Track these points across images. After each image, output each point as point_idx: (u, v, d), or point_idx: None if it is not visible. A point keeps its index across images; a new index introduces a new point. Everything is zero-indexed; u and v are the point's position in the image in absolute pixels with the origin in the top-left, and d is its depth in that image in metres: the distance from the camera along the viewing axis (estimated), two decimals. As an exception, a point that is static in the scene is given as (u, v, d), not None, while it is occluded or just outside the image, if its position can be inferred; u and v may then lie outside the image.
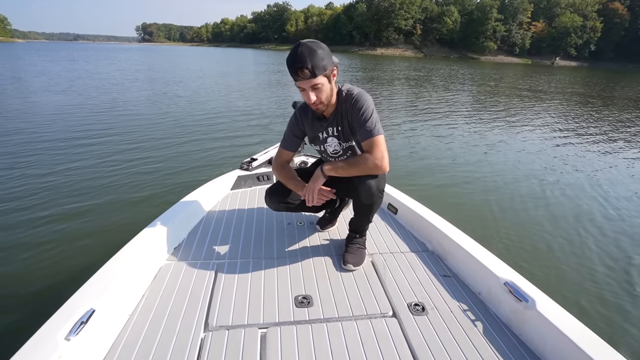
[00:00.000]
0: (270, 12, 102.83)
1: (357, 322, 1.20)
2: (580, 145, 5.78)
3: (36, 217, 2.72)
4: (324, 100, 1.33)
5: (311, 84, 1.26)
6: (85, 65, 18.32)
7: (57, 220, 2.70)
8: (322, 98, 1.31)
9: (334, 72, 1.32)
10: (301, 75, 1.23)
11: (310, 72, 1.22)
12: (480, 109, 8.99)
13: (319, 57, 1.22)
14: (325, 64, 1.25)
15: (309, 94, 1.28)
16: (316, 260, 1.55)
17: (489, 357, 1.08)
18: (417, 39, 69.16)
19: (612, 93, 15.30)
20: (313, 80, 1.25)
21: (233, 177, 2.28)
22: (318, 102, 1.32)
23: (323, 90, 1.30)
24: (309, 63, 1.20)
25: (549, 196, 3.58)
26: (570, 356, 1.00)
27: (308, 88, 1.27)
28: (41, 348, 0.91)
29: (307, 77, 1.23)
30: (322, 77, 1.26)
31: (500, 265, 1.34)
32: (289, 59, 1.24)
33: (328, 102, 1.35)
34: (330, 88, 1.33)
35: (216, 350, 1.07)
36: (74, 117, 6.18)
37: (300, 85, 1.28)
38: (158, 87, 10.56)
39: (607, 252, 2.61)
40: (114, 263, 1.28)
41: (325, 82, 1.29)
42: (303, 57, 1.20)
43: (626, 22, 62.05)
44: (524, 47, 66.28)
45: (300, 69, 1.21)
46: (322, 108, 1.36)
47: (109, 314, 1.12)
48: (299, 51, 1.21)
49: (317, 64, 1.22)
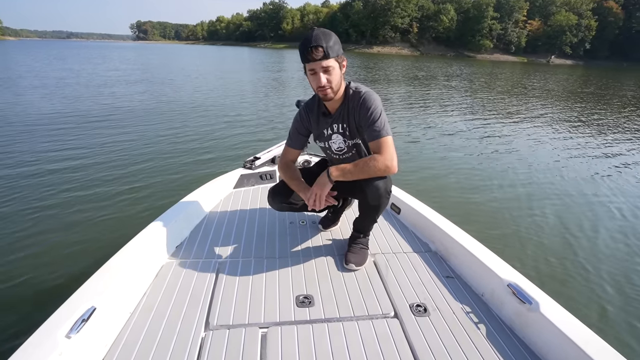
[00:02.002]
0: (266, 10, 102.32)
1: (358, 322, 1.19)
2: (586, 146, 5.76)
3: (38, 215, 2.74)
4: (333, 86, 1.31)
5: (323, 65, 1.26)
6: (77, 65, 18.13)
7: (59, 217, 2.72)
8: (332, 82, 1.30)
9: (344, 62, 1.33)
10: (315, 53, 1.23)
11: (324, 52, 1.23)
12: (484, 109, 9.01)
13: (333, 40, 1.25)
14: (338, 49, 1.27)
15: (319, 75, 1.27)
16: (318, 260, 1.55)
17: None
18: (413, 37, 69.17)
19: (618, 92, 15.26)
20: (326, 61, 1.25)
21: (236, 175, 2.28)
22: (328, 86, 1.30)
23: (334, 74, 1.29)
24: (324, 43, 1.23)
25: (553, 197, 3.56)
26: (573, 359, 0.99)
27: (319, 69, 1.27)
28: (42, 346, 0.91)
29: (320, 56, 1.23)
30: (334, 60, 1.27)
31: (504, 266, 1.33)
32: (303, 41, 1.26)
33: (337, 89, 1.34)
34: (340, 75, 1.32)
35: (217, 349, 1.06)
36: (81, 114, 6.20)
37: (311, 67, 1.27)
38: (159, 86, 10.53)
39: (613, 254, 2.59)
40: (115, 261, 1.28)
41: (336, 67, 1.29)
42: (318, 37, 1.23)
43: (620, 20, 62.38)
44: (519, 46, 66.46)
45: (315, 47, 1.22)
46: (330, 93, 1.33)
47: (110, 312, 1.12)
48: (314, 33, 1.25)
49: (331, 46, 1.24)
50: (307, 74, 1.31)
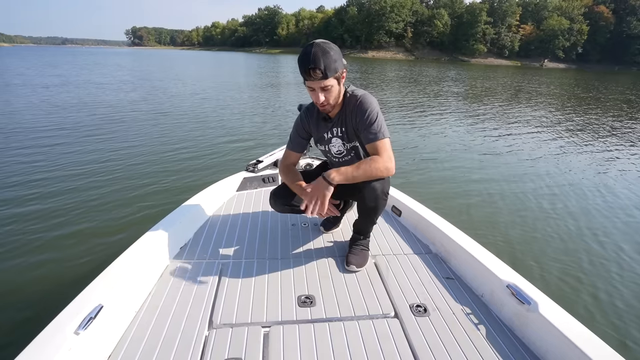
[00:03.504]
0: (261, 15, 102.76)
1: (359, 322, 1.21)
2: (585, 148, 5.78)
3: (47, 216, 2.79)
4: (331, 102, 1.34)
5: (321, 85, 1.26)
6: (75, 70, 18.08)
7: (67, 219, 2.77)
8: (330, 99, 1.32)
9: (343, 74, 1.32)
10: (313, 75, 1.23)
11: (322, 73, 1.23)
12: (483, 112, 9.06)
13: (331, 58, 1.23)
14: (337, 66, 1.26)
15: (318, 94, 1.29)
16: (319, 261, 1.56)
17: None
18: (408, 42, 69.80)
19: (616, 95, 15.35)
20: (324, 81, 1.25)
21: (239, 178, 2.30)
22: (326, 103, 1.33)
23: (332, 91, 1.30)
24: (322, 64, 1.21)
25: (552, 199, 3.58)
26: (572, 359, 0.99)
27: (318, 89, 1.28)
28: (51, 341, 0.93)
29: (318, 77, 1.24)
30: (333, 79, 1.27)
31: (503, 267, 1.35)
32: (302, 58, 1.24)
33: (335, 103, 1.36)
34: (338, 90, 1.34)
35: (220, 347, 1.08)
36: (85, 117, 6.30)
37: (310, 85, 1.28)
38: (161, 92, 10.55)
39: (611, 255, 2.60)
40: (121, 261, 1.30)
41: (335, 84, 1.29)
42: (316, 57, 1.20)
43: (611, 25, 63.41)
44: (513, 50, 67.27)
45: (312, 69, 1.22)
46: (328, 109, 1.37)
47: (116, 310, 1.14)
48: (312, 51, 1.21)
49: (329, 65, 1.22)
50: (306, 87, 1.32)
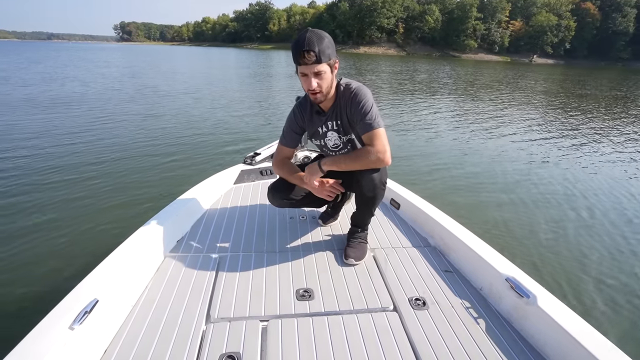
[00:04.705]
0: (252, 10, 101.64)
1: (357, 315, 1.20)
2: (585, 143, 5.83)
3: (42, 209, 2.76)
4: (324, 90, 1.31)
5: (314, 70, 1.25)
6: (73, 62, 17.65)
7: (62, 212, 2.73)
8: (322, 86, 1.30)
9: (336, 64, 1.31)
10: (307, 57, 1.22)
11: (315, 57, 1.22)
12: (483, 106, 9.13)
13: (325, 44, 1.23)
14: (330, 52, 1.25)
15: (310, 80, 1.27)
16: (318, 254, 1.56)
17: (489, 352, 1.08)
18: (399, 38, 69.79)
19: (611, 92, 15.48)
20: (317, 66, 1.24)
21: (236, 171, 2.29)
22: (318, 90, 1.30)
23: (325, 78, 1.29)
24: (316, 47, 1.21)
25: (551, 192, 3.61)
26: (570, 352, 1.00)
27: (310, 74, 1.26)
28: (46, 336, 0.92)
29: (312, 61, 1.22)
30: (326, 65, 1.26)
31: (502, 261, 1.35)
32: (295, 42, 1.23)
33: (327, 92, 1.34)
34: (331, 79, 1.32)
35: (217, 341, 1.07)
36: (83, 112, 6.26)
37: (303, 71, 1.27)
38: (158, 85, 10.48)
39: (610, 248, 2.62)
40: (117, 254, 1.28)
41: (327, 71, 1.28)
42: (310, 41, 1.20)
43: (597, 21, 64.32)
44: (503, 45, 67.82)
45: (306, 51, 1.20)
46: (320, 98, 1.34)
47: (112, 305, 1.12)
48: (306, 36, 1.21)
49: (323, 50, 1.22)
50: (299, 74, 1.30)
